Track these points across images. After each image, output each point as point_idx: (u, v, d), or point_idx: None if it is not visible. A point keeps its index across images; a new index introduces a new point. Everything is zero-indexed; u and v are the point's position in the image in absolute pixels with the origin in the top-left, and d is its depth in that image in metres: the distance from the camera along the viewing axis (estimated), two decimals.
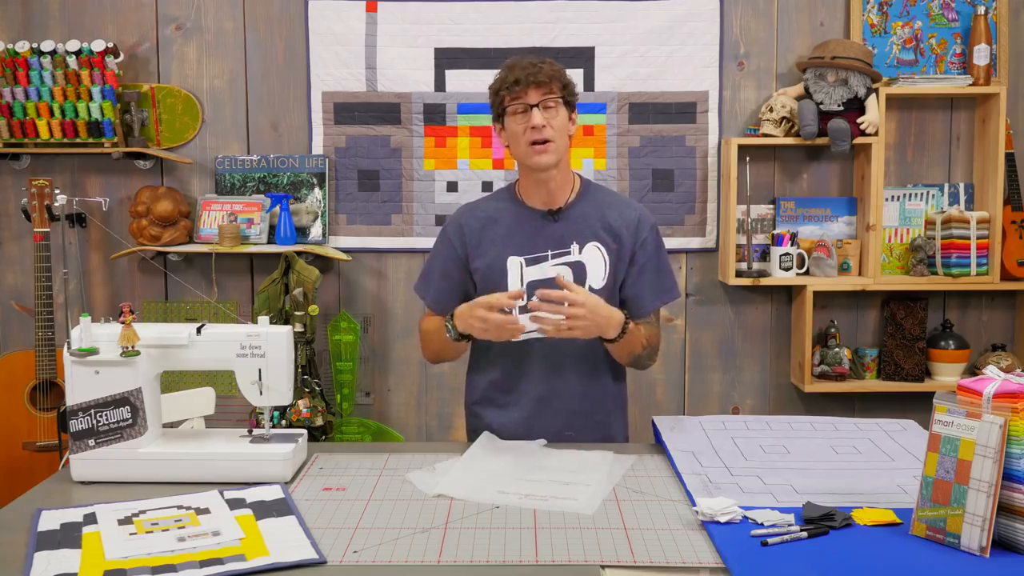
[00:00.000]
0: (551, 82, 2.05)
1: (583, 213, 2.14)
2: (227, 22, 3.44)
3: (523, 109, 2.05)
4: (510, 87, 2.04)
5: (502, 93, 2.07)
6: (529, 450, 1.97)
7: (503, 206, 2.18)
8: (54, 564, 1.40)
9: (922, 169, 3.47)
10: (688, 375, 3.54)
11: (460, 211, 2.24)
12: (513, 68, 2.06)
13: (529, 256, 2.10)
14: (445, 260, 2.19)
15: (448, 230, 2.21)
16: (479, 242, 2.15)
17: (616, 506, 1.67)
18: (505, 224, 2.15)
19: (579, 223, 2.13)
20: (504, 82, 2.06)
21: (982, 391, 1.42)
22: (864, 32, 3.40)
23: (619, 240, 2.13)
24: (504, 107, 2.07)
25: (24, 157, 3.45)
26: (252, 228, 3.34)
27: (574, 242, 2.11)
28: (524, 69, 2.04)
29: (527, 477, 1.80)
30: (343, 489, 1.76)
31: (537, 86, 2.03)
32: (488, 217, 2.17)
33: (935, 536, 1.45)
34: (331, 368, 3.41)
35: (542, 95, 2.04)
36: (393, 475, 1.84)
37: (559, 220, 2.13)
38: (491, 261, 2.13)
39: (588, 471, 1.83)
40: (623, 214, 2.15)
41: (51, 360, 3.15)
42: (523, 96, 2.04)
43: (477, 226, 2.17)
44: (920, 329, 3.37)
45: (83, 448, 1.79)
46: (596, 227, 2.12)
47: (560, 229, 2.12)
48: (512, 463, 1.88)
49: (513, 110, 2.06)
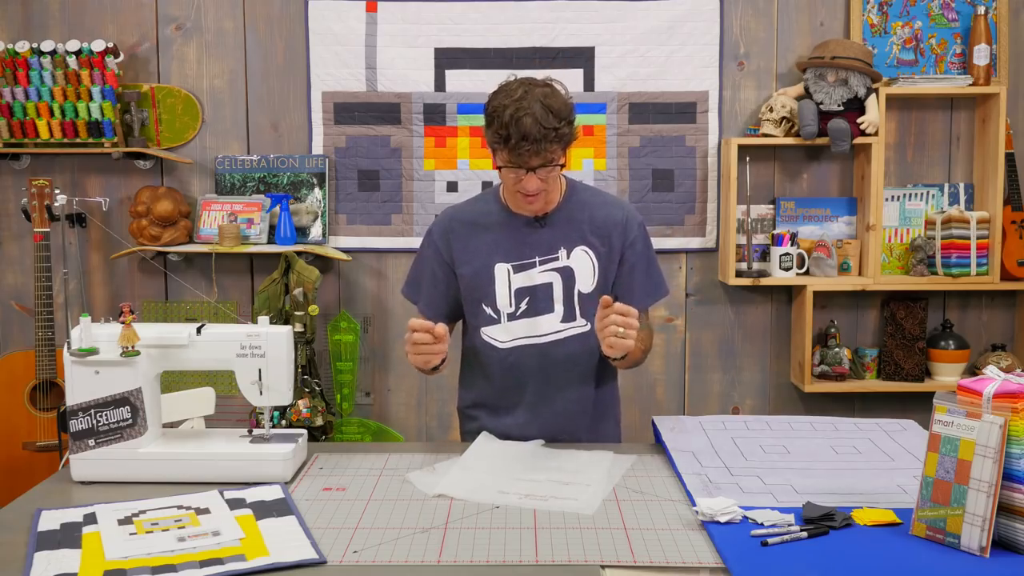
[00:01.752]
0: (554, 150, 1.93)
1: (570, 217, 2.10)
2: (227, 22, 3.44)
3: (517, 166, 1.93)
4: (510, 149, 1.90)
5: (495, 144, 1.94)
6: (529, 450, 1.97)
7: (489, 210, 2.13)
8: (54, 564, 1.40)
9: (922, 169, 3.47)
10: (688, 375, 3.54)
11: (444, 214, 2.19)
12: (519, 123, 1.87)
13: (516, 263, 2.08)
14: (433, 265, 2.16)
15: (433, 235, 2.16)
16: (465, 248, 2.11)
17: (616, 506, 1.67)
18: (491, 230, 2.10)
19: (566, 228, 2.09)
20: (505, 140, 1.90)
21: (982, 391, 1.42)
22: (864, 32, 3.40)
23: (608, 242, 2.10)
24: (495, 150, 1.96)
25: (24, 157, 3.45)
26: (252, 228, 3.34)
27: (562, 247, 2.07)
28: (529, 140, 1.87)
29: (527, 477, 1.80)
30: (343, 489, 1.76)
31: (539, 155, 1.91)
32: (474, 223, 2.13)
33: (935, 536, 1.45)
34: (331, 368, 3.40)
35: (542, 161, 1.92)
36: (393, 475, 1.84)
37: (546, 226, 2.09)
38: (478, 268, 2.09)
39: (588, 471, 1.83)
40: (610, 215, 2.11)
41: (51, 360, 3.15)
42: (524, 161, 1.92)
43: (463, 232, 2.12)
44: (920, 329, 3.37)
45: (83, 448, 1.79)
46: (584, 231, 2.09)
47: (547, 235, 2.08)
48: (512, 463, 1.88)
49: (507, 165, 1.94)
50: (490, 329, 2.11)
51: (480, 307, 2.11)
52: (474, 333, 2.15)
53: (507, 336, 2.10)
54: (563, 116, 1.92)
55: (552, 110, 1.90)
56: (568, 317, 2.08)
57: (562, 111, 1.92)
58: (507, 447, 1.98)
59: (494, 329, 2.11)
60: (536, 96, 1.90)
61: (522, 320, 2.09)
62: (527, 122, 1.87)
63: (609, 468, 1.85)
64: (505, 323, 2.09)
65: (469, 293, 2.12)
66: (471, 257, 2.11)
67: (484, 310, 2.10)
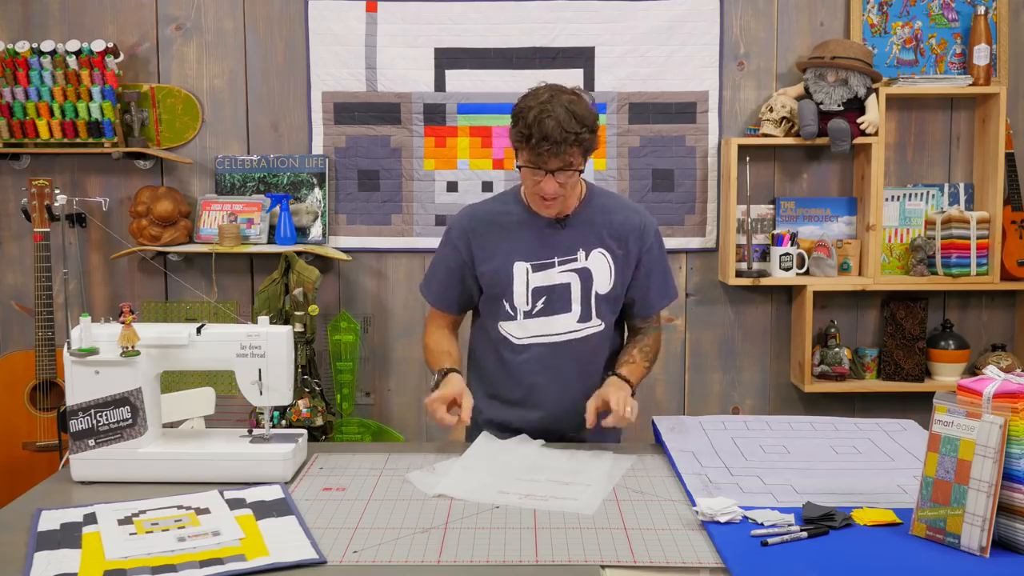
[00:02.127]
0: (574, 154, 1.97)
1: (589, 220, 2.13)
2: (227, 22, 3.44)
3: (537, 167, 1.98)
4: (532, 148, 1.95)
5: (518, 142, 1.99)
6: (529, 450, 1.97)
7: (510, 210, 2.16)
8: (54, 564, 1.40)
9: (922, 169, 3.47)
10: (688, 375, 3.54)
11: (465, 212, 2.22)
12: (542, 124, 1.92)
13: (536, 262, 2.11)
14: (450, 262, 2.19)
15: (453, 232, 2.19)
16: (485, 246, 2.14)
17: (616, 506, 1.67)
18: (512, 229, 2.14)
19: (585, 230, 2.12)
20: (527, 139, 1.95)
21: (982, 391, 1.42)
22: (864, 32, 3.40)
23: (625, 246, 2.13)
24: (518, 149, 2.02)
25: (24, 157, 3.45)
26: (252, 228, 3.34)
27: (580, 249, 2.11)
28: (550, 140, 1.92)
29: (527, 477, 1.80)
30: (343, 489, 1.76)
31: (559, 156, 1.95)
32: (494, 221, 2.16)
33: (935, 536, 1.45)
34: (331, 368, 3.40)
35: (562, 164, 1.97)
36: (393, 475, 1.84)
37: (566, 227, 2.12)
38: (498, 266, 2.12)
39: (588, 471, 1.83)
40: (628, 219, 2.15)
41: (51, 360, 3.15)
42: (543, 161, 1.96)
43: (483, 230, 2.15)
44: (920, 329, 3.37)
45: (83, 448, 1.79)
46: (602, 234, 2.13)
47: (567, 236, 2.12)
48: (512, 463, 1.88)
49: (527, 165, 1.99)
50: (507, 324, 2.14)
51: (500, 303, 2.14)
52: (491, 326, 2.17)
53: (523, 333, 2.13)
54: (586, 123, 1.96)
55: (576, 116, 1.94)
56: (584, 317, 2.12)
57: (586, 118, 1.97)
58: (507, 446, 1.99)
59: (511, 325, 2.14)
60: (562, 101, 1.95)
61: (538, 318, 2.12)
62: (549, 124, 1.92)
63: (609, 468, 1.85)
64: (521, 320, 2.12)
65: (489, 290, 2.15)
66: (491, 255, 2.13)
67: (503, 305, 2.13)
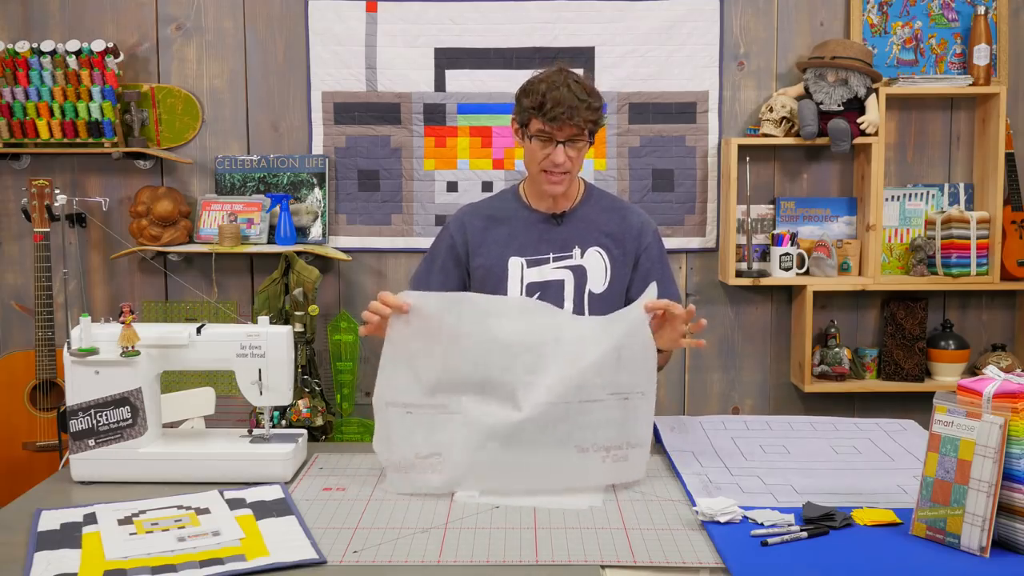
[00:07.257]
0: (585, 123, 2.00)
1: (587, 218, 2.14)
2: (227, 22, 3.44)
3: (548, 138, 2.01)
4: (544, 114, 1.98)
5: (531, 112, 2.01)
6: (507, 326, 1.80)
7: (507, 207, 2.18)
8: (54, 564, 1.40)
9: (922, 169, 3.47)
10: (688, 375, 3.54)
11: (463, 209, 2.24)
12: (554, 92, 1.97)
13: (530, 258, 2.11)
14: (444, 256, 2.19)
15: (450, 227, 2.21)
16: (481, 242, 2.15)
17: (616, 506, 1.67)
18: (508, 225, 2.15)
19: (582, 227, 2.13)
20: (540, 107, 1.98)
21: (982, 391, 1.42)
22: (864, 32, 3.40)
23: (622, 246, 2.14)
24: (529, 121, 2.03)
25: (24, 157, 3.45)
26: (252, 228, 3.34)
27: (576, 246, 2.11)
28: (563, 105, 1.96)
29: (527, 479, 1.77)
30: (343, 489, 1.76)
31: (571, 126, 1.98)
32: (491, 217, 2.18)
33: (935, 536, 1.45)
34: (331, 368, 3.40)
35: (572, 134, 2.00)
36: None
37: (563, 224, 2.13)
38: (492, 261, 2.13)
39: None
40: (626, 219, 2.16)
41: (51, 360, 3.14)
42: (553, 130, 1.99)
43: (480, 225, 2.17)
44: (920, 329, 3.37)
45: (83, 448, 1.79)
46: (599, 232, 2.13)
47: (563, 233, 2.13)
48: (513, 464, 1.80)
49: (538, 135, 2.02)
50: None
51: None
52: None
53: None
54: (594, 95, 2.02)
55: (585, 88, 2.01)
56: None
57: (594, 91, 2.03)
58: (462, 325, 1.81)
59: None
60: (570, 76, 2.02)
61: None
62: (562, 91, 1.98)
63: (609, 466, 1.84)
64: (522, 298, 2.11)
65: (481, 286, 2.15)
66: (487, 250, 2.14)
67: None
